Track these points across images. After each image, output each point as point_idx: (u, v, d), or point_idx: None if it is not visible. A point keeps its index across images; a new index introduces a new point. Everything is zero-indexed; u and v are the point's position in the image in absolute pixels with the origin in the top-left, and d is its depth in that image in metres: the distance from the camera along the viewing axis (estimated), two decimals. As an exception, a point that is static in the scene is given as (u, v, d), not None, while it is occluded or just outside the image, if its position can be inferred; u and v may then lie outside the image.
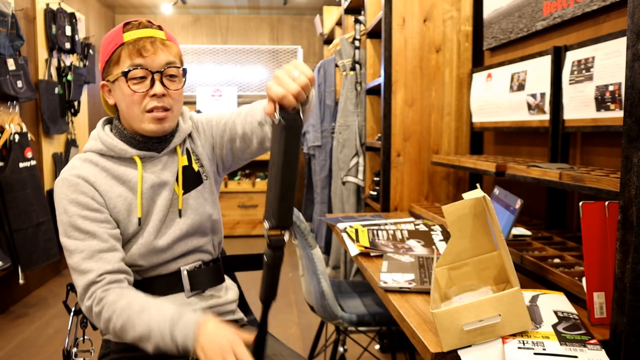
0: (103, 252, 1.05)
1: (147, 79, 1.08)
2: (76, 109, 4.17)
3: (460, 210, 1.11)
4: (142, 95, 1.08)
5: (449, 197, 2.43)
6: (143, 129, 1.11)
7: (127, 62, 1.07)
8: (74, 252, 1.05)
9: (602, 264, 0.97)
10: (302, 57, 5.73)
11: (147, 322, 0.98)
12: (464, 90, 2.38)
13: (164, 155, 1.16)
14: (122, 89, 1.08)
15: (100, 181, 1.11)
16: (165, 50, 1.09)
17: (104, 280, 1.03)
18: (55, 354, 2.61)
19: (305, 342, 2.71)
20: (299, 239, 1.77)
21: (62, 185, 1.09)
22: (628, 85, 0.82)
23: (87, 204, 1.07)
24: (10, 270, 3.06)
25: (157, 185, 1.14)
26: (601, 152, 1.58)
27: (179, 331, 0.96)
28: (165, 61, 1.09)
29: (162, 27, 1.13)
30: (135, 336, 0.99)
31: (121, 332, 1.00)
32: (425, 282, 1.25)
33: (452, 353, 0.90)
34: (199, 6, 5.45)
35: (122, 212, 1.11)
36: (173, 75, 1.11)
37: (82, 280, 1.04)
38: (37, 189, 3.31)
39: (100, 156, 1.13)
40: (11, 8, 3.04)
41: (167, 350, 0.97)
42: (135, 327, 0.98)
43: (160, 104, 1.09)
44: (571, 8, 1.63)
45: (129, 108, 1.09)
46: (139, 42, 1.07)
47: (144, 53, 1.06)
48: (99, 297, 1.02)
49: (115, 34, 1.10)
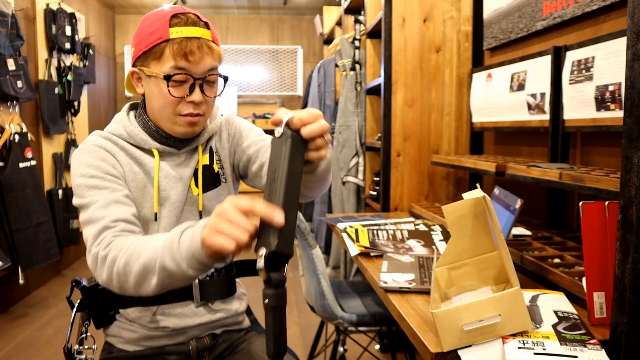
0: (119, 203, 1.00)
1: (187, 84, 1.03)
2: (76, 109, 4.17)
3: (460, 210, 1.11)
4: (179, 100, 1.04)
5: (449, 197, 2.43)
6: (172, 130, 1.08)
7: (170, 62, 1.01)
8: (89, 204, 0.99)
9: (602, 264, 0.97)
10: (302, 57, 5.73)
11: (154, 245, 0.87)
12: (464, 90, 2.38)
13: (184, 153, 1.14)
14: (159, 87, 1.03)
15: (119, 155, 1.09)
16: (210, 55, 1.04)
17: (118, 226, 0.96)
18: (55, 354, 2.61)
19: (305, 342, 2.71)
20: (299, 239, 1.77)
21: (82, 153, 1.06)
22: (628, 85, 0.82)
23: (107, 169, 1.04)
24: (10, 270, 3.06)
25: (172, 178, 1.11)
26: (601, 152, 1.58)
27: (186, 234, 0.83)
28: (209, 67, 1.04)
29: (210, 25, 1.07)
30: (139, 268, 0.87)
31: (124, 269, 0.88)
32: (425, 282, 1.25)
33: (452, 353, 0.90)
34: (199, 6, 5.45)
35: (137, 189, 1.09)
36: (212, 82, 1.07)
37: (94, 229, 0.96)
38: (37, 189, 3.31)
39: (120, 139, 1.11)
40: (11, 8, 3.04)
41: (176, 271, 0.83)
42: (140, 255, 0.87)
43: (196, 110, 1.05)
44: (571, 8, 1.63)
45: (162, 108, 1.06)
46: (186, 43, 1.00)
47: (190, 58, 1.01)
48: (107, 241, 0.93)
49: (161, 24, 1.02)
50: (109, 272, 0.91)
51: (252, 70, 5.71)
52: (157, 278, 0.86)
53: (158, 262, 0.84)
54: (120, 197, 1.01)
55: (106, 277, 0.92)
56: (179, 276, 0.84)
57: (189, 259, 0.81)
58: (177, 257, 0.82)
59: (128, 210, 1.01)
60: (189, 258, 0.81)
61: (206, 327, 1.19)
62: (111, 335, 1.18)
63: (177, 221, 1.11)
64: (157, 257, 0.85)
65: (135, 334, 1.15)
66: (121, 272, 0.89)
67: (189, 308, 1.16)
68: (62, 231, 3.83)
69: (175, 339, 1.16)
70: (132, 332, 1.15)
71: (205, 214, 1.15)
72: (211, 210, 1.15)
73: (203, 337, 1.19)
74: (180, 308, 1.15)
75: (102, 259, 0.92)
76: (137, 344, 1.15)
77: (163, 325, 1.13)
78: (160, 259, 0.84)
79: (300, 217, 1.75)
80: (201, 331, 1.18)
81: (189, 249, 0.81)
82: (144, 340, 1.15)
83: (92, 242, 0.95)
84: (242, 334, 1.25)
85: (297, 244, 1.85)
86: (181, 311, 1.15)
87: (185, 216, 1.13)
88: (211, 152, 1.18)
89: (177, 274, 0.84)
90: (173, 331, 1.15)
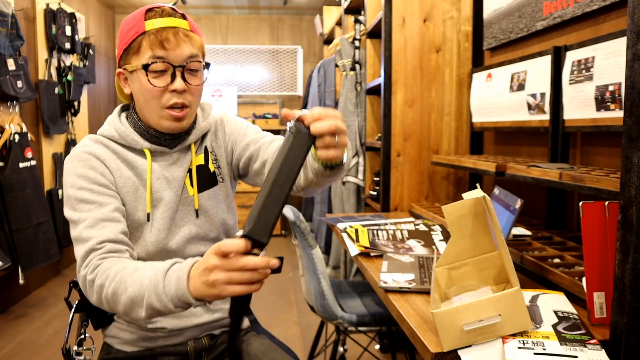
0: (106, 221, 1.00)
1: (168, 73, 1.03)
2: (76, 109, 4.17)
3: (460, 210, 1.11)
4: (162, 90, 1.03)
5: (449, 197, 2.43)
6: (160, 125, 1.07)
7: (148, 53, 1.02)
8: (78, 222, 1.00)
9: (602, 264, 0.97)
10: (302, 57, 5.73)
11: (139, 279, 0.88)
12: (464, 90, 2.38)
13: (176, 152, 1.13)
14: (140, 81, 1.04)
15: (110, 160, 1.08)
16: (188, 43, 1.03)
17: (104, 248, 0.97)
18: (55, 354, 2.61)
19: (305, 342, 2.71)
20: (299, 239, 1.77)
21: (72, 160, 1.06)
22: (628, 85, 0.82)
23: (96, 179, 1.04)
24: (10, 270, 3.06)
25: (165, 179, 1.11)
26: (601, 152, 1.58)
27: (170, 276, 0.85)
28: (188, 54, 1.03)
29: (186, 16, 1.08)
30: (126, 300, 0.89)
31: (113, 298, 0.91)
32: (425, 282, 1.25)
33: (452, 353, 0.90)
34: (199, 6, 5.45)
35: (129, 194, 1.08)
36: (194, 69, 1.06)
37: (81, 249, 0.98)
38: (37, 189, 3.31)
39: (111, 141, 1.11)
40: (11, 8, 3.04)
41: (162, 309, 0.87)
42: (127, 289, 0.89)
43: (180, 100, 1.04)
44: (571, 8, 1.63)
45: (147, 102, 1.05)
46: (161, 32, 1.01)
47: (166, 45, 1.01)
48: (94, 265, 0.95)
49: (137, 20, 1.04)
50: (98, 296, 0.94)
51: (252, 70, 5.71)
52: (144, 312, 0.89)
53: (145, 301, 0.87)
54: (108, 213, 1.02)
55: (96, 300, 0.96)
56: (165, 313, 0.88)
57: (175, 302, 0.85)
58: (163, 300, 0.86)
59: (115, 228, 1.01)
60: (176, 301, 0.85)
61: (204, 328, 1.18)
62: (109, 336, 1.18)
63: (170, 222, 1.11)
64: (144, 294, 0.87)
65: (133, 335, 1.15)
66: (110, 299, 0.92)
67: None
68: (62, 231, 3.83)
69: (173, 340, 1.16)
70: (130, 333, 1.15)
71: (202, 214, 1.14)
72: (207, 210, 1.15)
73: (201, 337, 1.18)
74: None
75: (90, 282, 0.95)
76: (135, 345, 1.15)
77: (161, 326, 1.13)
78: (147, 298, 0.87)
79: (300, 217, 1.76)
80: (199, 332, 1.18)
81: (175, 294, 0.84)
82: (142, 341, 1.15)
83: (80, 264, 0.98)
84: (242, 334, 1.25)
85: (297, 244, 1.85)
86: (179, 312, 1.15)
87: (180, 217, 1.13)
88: (206, 151, 1.17)
89: (164, 311, 0.88)
90: (171, 332, 1.14)
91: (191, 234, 1.13)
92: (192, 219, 1.14)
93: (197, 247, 1.15)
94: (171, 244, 1.11)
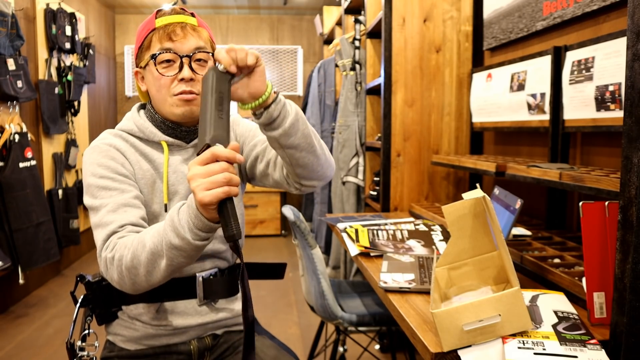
0: (128, 207, 1.03)
1: (176, 63, 1.08)
2: (76, 109, 4.17)
3: (460, 210, 1.11)
4: (171, 79, 1.08)
5: (449, 197, 2.43)
6: (172, 112, 1.11)
7: (157, 46, 1.08)
8: (99, 207, 1.03)
9: (602, 264, 0.97)
10: (302, 57, 5.73)
11: (156, 230, 0.92)
12: (464, 90, 2.38)
13: (191, 147, 1.17)
14: (152, 72, 1.09)
15: (129, 153, 1.12)
16: (195, 35, 1.10)
17: (125, 230, 1.00)
18: (55, 354, 2.61)
19: (305, 342, 2.71)
20: (299, 239, 1.77)
21: (93, 152, 1.10)
22: (628, 85, 0.82)
23: (117, 169, 1.08)
24: (10, 270, 3.06)
25: (181, 173, 1.14)
26: (601, 152, 1.58)
27: (182, 210, 0.89)
28: (194, 46, 1.09)
29: (195, 14, 1.15)
30: (147, 257, 0.92)
31: (132, 263, 0.93)
32: (425, 282, 1.25)
33: (452, 353, 0.90)
34: (199, 6, 5.45)
35: (147, 186, 1.12)
36: (202, 60, 1.10)
37: (103, 233, 1.00)
38: (37, 189, 3.31)
39: (130, 135, 1.15)
40: (11, 8, 3.04)
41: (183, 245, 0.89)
42: (145, 245, 0.92)
43: (188, 87, 1.08)
44: (571, 8, 1.63)
45: (158, 92, 1.10)
46: (169, 26, 1.08)
47: (174, 37, 1.07)
48: (114, 243, 0.98)
49: (149, 20, 1.12)
50: (119, 271, 0.96)
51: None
52: (165, 259, 0.91)
53: (164, 243, 0.90)
54: (129, 199, 1.05)
55: (117, 276, 0.97)
56: (187, 250, 0.90)
57: (191, 228, 0.87)
58: (180, 232, 0.88)
59: (136, 213, 1.04)
60: (191, 228, 0.87)
61: (208, 327, 1.19)
62: (113, 334, 1.18)
63: None
64: (162, 239, 0.90)
65: (136, 333, 1.15)
66: (130, 266, 0.94)
67: (192, 306, 1.16)
68: (62, 231, 3.83)
69: (176, 338, 1.16)
70: (133, 331, 1.15)
71: None
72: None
73: (204, 337, 1.19)
74: (183, 306, 1.15)
75: (110, 260, 0.97)
76: (138, 343, 1.15)
77: (165, 324, 1.14)
78: (166, 239, 0.89)
79: (300, 217, 1.76)
80: (203, 331, 1.18)
81: (188, 219, 0.87)
82: (145, 339, 1.15)
83: (101, 247, 1.00)
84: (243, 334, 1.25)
85: (297, 244, 1.85)
86: (184, 309, 1.15)
87: None
88: None
89: (184, 247, 0.89)
90: (175, 330, 1.15)
91: None
92: None
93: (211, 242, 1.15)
94: None
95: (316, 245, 1.74)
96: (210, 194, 0.81)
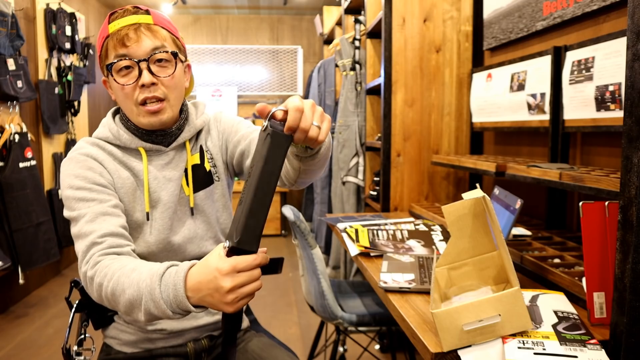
0: (107, 215, 0.99)
1: (134, 69, 1.02)
2: (76, 109, 4.17)
3: (460, 210, 1.11)
4: (132, 87, 1.02)
5: (449, 197, 2.43)
6: (140, 123, 1.06)
7: (113, 54, 1.02)
8: (78, 218, 0.99)
9: (602, 264, 0.97)
10: (302, 57, 5.73)
11: (136, 281, 0.85)
12: (464, 90, 2.38)
13: (171, 151, 1.12)
14: (113, 83, 1.04)
15: (107, 162, 1.08)
16: (150, 36, 1.02)
17: (105, 242, 0.95)
18: (55, 354, 2.61)
19: (305, 342, 2.71)
20: (299, 239, 1.77)
21: (70, 163, 1.05)
22: (628, 85, 0.82)
23: (94, 179, 1.03)
24: (10, 270, 3.06)
25: (162, 179, 1.10)
26: (601, 152, 1.58)
27: (167, 283, 0.83)
28: (150, 47, 1.02)
29: (151, 11, 1.06)
30: (125, 302, 0.87)
31: (112, 298, 0.89)
32: (425, 282, 1.25)
33: (452, 353, 0.90)
34: (199, 6, 5.45)
35: (127, 194, 1.08)
36: (162, 60, 1.04)
37: (82, 244, 0.96)
38: (37, 189, 3.31)
39: (107, 143, 1.11)
40: (11, 8, 3.04)
41: (161, 315, 0.85)
42: (125, 290, 0.86)
43: (151, 94, 1.02)
44: (571, 8, 1.63)
45: (123, 102, 1.05)
46: (121, 31, 1.01)
47: (127, 42, 1.00)
48: (94, 261, 0.93)
49: (103, 27, 1.05)
50: (98, 294, 0.92)
51: (252, 70, 5.71)
52: (143, 315, 0.86)
53: (143, 305, 0.85)
54: (108, 208, 1.01)
55: (97, 297, 0.94)
56: (165, 317, 0.85)
57: (173, 308, 0.83)
58: (161, 306, 0.83)
59: (116, 222, 1.00)
60: (174, 308, 0.83)
61: (204, 329, 1.18)
62: (109, 337, 1.18)
63: (170, 222, 1.10)
64: (141, 299, 0.85)
65: (133, 336, 1.15)
66: (110, 299, 0.90)
67: None
68: (62, 231, 3.83)
69: (173, 341, 1.16)
70: (130, 334, 1.15)
71: (198, 213, 1.14)
72: (204, 209, 1.15)
73: (201, 339, 1.18)
74: None
75: (90, 279, 0.93)
76: (135, 346, 1.15)
77: (161, 328, 1.13)
78: (145, 304, 0.84)
79: (300, 217, 1.76)
80: (199, 333, 1.18)
81: (172, 301, 0.82)
82: (141, 342, 1.15)
83: (82, 259, 0.96)
84: (241, 333, 1.25)
85: (297, 244, 1.85)
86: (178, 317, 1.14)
87: (178, 216, 1.12)
88: (201, 150, 1.17)
89: (162, 316, 0.85)
90: (171, 333, 1.14)
91: (190, 233, 1.13)
92: (189, 218, 1.14)
93: (198, 246, 1.15)
94: (173, 243, 1.11)
95: (316, 245, 1.74)
96: (236, 306, 0.79)
